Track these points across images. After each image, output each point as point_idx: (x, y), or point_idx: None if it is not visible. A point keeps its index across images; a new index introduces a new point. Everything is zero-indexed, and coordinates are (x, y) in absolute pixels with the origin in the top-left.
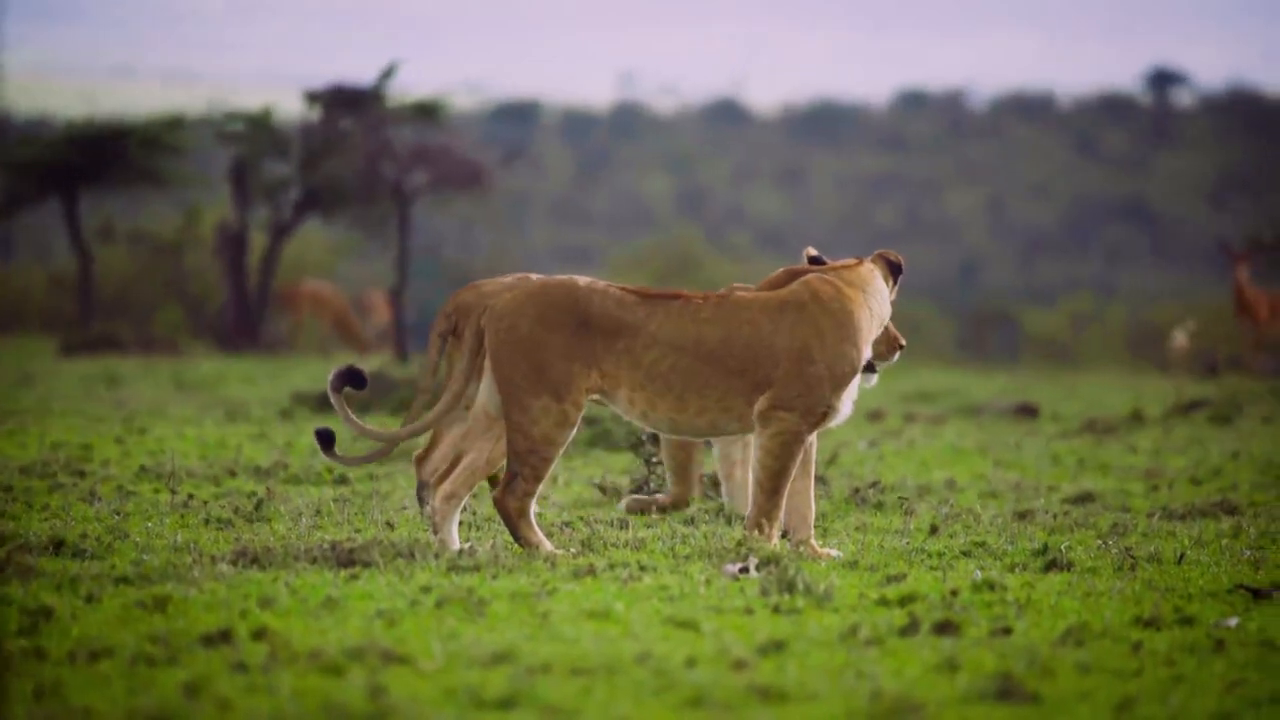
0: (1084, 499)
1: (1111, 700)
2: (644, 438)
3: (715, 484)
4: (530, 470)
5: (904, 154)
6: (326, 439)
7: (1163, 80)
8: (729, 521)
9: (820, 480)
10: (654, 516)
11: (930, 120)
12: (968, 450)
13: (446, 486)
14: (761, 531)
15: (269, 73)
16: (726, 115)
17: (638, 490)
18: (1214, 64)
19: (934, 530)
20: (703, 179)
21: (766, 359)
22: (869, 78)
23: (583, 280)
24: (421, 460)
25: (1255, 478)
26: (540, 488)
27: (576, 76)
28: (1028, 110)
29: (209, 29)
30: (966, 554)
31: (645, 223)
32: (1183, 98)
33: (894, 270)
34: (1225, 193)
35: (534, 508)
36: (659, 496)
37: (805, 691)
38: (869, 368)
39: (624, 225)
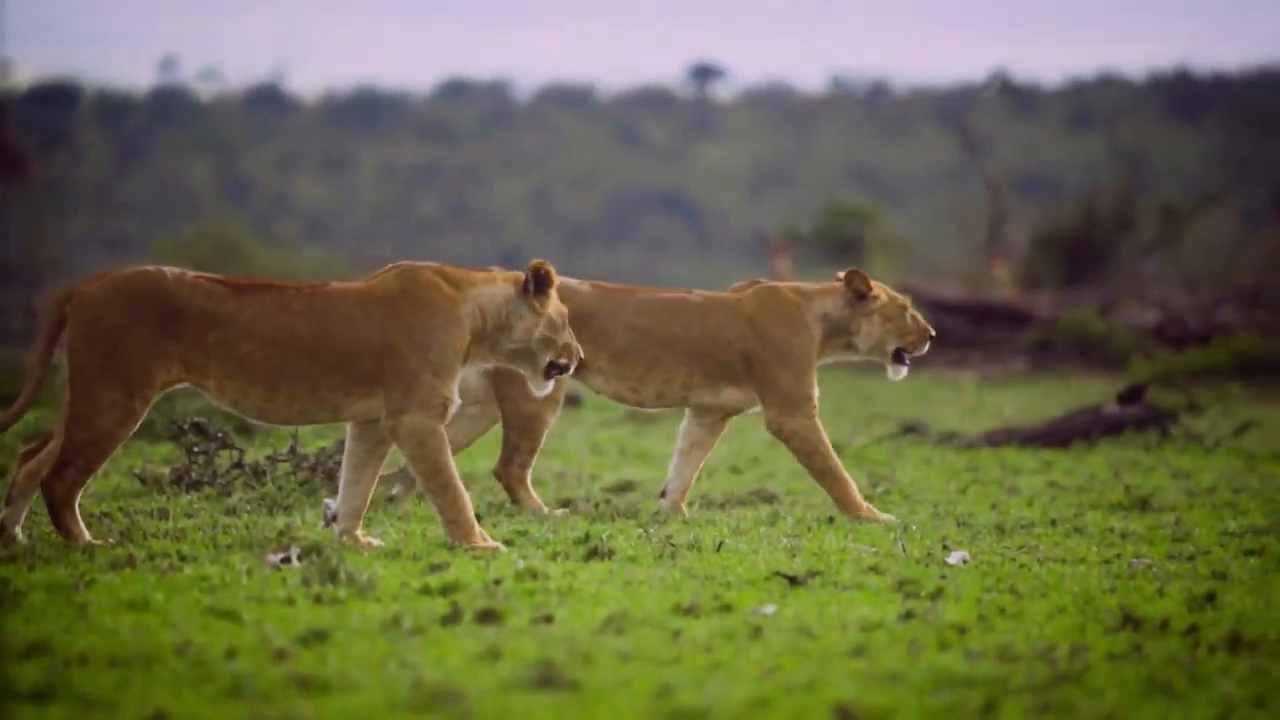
0: (625, 488)
1: (650, 687)
2: (185, 427)
3: (257, 474)
4: (85, 461)
5: (447, 143)
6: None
7: (703, 74)
8: (270, 511)
9: None
10: (237, 502)
11: (473, 110)
12: None
13: (31, 465)
14: (472, 537)
15: None
16: (269, 102)
17: (178, 480)
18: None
19: (477, 519)
20: (246, 166)
21: (358, 351)
22: (411, 66)
23: (171, 271)
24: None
25: (792, 466)
26: (90, 479)
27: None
28: (569, 101)
29: None
30: (509, 543)
31: (188, 210)
32: (722, 92)
33: (539, 282)
34: (763, 185)
35: (79, 498)
36: None
37: (346, 681)
38: (899, 358)
39: (165, 213)
